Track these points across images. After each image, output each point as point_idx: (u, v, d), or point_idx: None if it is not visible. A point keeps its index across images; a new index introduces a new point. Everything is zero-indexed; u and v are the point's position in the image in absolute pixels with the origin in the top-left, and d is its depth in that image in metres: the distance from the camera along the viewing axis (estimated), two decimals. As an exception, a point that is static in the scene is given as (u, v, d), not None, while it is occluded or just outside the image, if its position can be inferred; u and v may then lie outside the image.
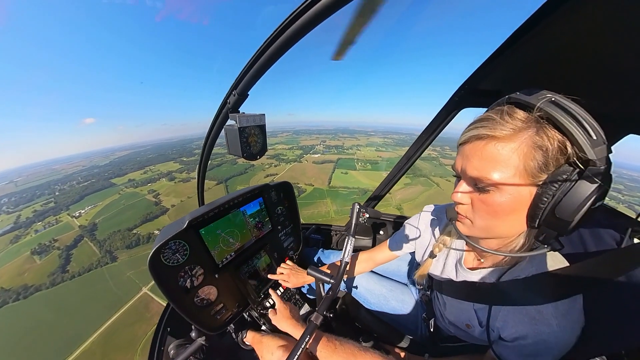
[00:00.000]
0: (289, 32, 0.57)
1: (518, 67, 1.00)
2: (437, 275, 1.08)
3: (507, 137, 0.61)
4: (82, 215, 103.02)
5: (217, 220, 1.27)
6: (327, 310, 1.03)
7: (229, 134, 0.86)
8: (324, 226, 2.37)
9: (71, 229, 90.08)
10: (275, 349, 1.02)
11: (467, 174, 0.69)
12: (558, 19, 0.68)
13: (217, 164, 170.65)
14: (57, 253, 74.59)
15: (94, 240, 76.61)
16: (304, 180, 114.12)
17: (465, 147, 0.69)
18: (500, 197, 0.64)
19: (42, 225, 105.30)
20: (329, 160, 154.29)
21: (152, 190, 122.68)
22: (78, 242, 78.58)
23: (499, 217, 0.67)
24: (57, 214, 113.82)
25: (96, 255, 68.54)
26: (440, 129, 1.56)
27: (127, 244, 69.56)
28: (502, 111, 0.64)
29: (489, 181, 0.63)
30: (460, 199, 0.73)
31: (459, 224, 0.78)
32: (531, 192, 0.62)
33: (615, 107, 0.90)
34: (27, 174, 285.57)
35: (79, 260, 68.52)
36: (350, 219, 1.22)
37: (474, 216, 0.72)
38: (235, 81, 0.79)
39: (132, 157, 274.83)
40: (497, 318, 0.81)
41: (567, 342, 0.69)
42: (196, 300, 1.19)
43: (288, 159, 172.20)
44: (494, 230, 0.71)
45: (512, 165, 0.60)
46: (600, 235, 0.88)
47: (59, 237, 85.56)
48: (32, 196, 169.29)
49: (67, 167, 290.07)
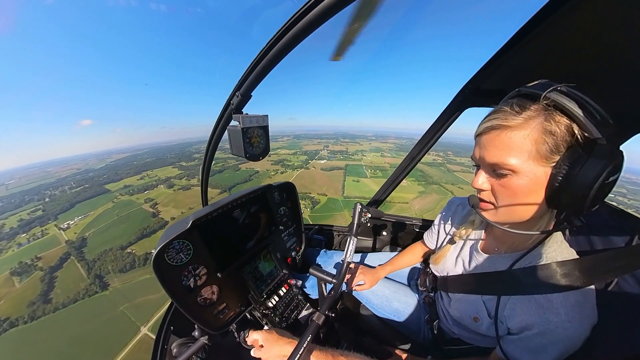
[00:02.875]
0: (292, 32, 0.58)
1: (521, 66, 1.01)
2: (450, 264, 1.11)
3: (519, 125, 0.66)
4: (70, 227, 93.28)
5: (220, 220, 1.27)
6: (329, 310, 1.02)
7: (232, 135, 0.88)
8: (327, 227, 2.38)
9: (58, 245, 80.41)
10: None
11: (485, 162, 0.74)
12: (562, 17, 0.69)
13: (218, 169, 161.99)
14: (40, 275, 64.87)
15: (82, 261, 66.91)
16: (316, 189, 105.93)
17: (482, 138, 0.75)
18: (517, 179, 0.69)
19: (27, 237, 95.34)
20: (337, 167, 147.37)
21: (149, 199, 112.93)
22: (64, 262, 68.94)
23: (518, 198, 0.71)
24: (44, 225, 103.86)
25: (84, 280, 58.78)
26: (444, 129, 1.57)
27: (121, 267, 59.89)
28: (512, 103, 0.70)
29: (506, 166, 0.68)
30: (481, 185, 0.78)
31: (482, 210, 0.82)
32: (546, 173, 0.66)
33: (622, 105, 0.91)
34: (20, 177, 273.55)
35: (64, 285, 58.82)
36: (353, 219, 1.25)
37: (496, 200, 0.77)
38: (238, 82, 0.80)
39: (129, 160, 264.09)
40: (506, 307, 0.83)
41: (573, 337, 0.69)
42: (199, 299, 1.20)
43: (294, 165, 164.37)
44: (516, 212, 0.74)
45: (526, 150, 0.66)
46: (608, 236, 0.90)
47: (43, 253, 75.91)
48: (20, 202, 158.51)
49: (61, 170, 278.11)
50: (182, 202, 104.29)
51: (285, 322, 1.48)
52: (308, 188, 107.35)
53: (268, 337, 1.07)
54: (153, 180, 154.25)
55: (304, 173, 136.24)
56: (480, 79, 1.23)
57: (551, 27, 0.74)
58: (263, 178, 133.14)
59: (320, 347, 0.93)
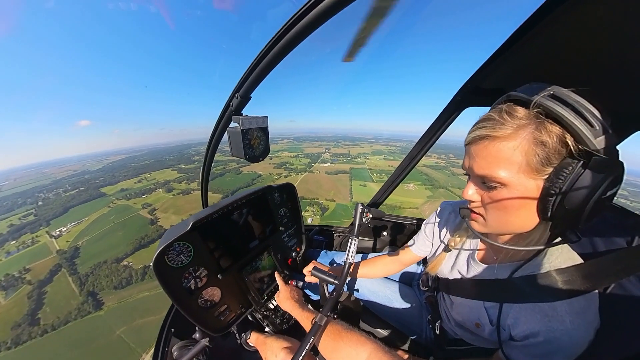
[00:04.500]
0: (290, 34, 0.58)
1: (520, 65, 1.00)
2: (447, 272, 1.09)
3: (508, 136, 0.62)
4: (62, 234, 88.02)
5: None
6: (331, 312, 1.02)
7: (232, 136, 0.87)
8: (327, 227, 2.37)
9: (48, 254, 75.14)
10: (279, 351, 1.02)
11: (474, 173, 0.71)
12: (561, 15, 0.68)
13: (219, 172, 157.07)
14: (28, 290, 59.56)
15: (74, 274, 61.67)
16: (323, 194, 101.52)
17: (471, 148, 0.71)
18: (507, 193, 0.65)
19: (16, 245, 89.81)
20: (342, 171, 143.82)
21: (147, 204, 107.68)
22: (54, 275, 63.74)
23: (509, 212, 0.68)
24: (35, 231, 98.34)
25: (76, 297, 53.54)
26: (443, 129, 1.56)
27: (116, 283, 54.54)
28: (501, 110, 0.65)
29: (495, 179, 0.65)
30: (470, 197, 0.75)
31: (472, 222, 0.80)
32: (538, 186, 0.63)
33: (622, 103, 0.90)
34: (15, 177, 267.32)
35: (53, 303, 53.51)
36: (354, 219, 1.23)
37: (485, 213, 0.74)
38: (238, 84, 0.79)
39: (127, 162, 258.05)
40: (509, 316, 0.80)
41: (579, 343, 0.67)
42: (200, 301, 1.20)
43: (297, 168, 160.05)
44: (506, 225, 0.72)
45: (515, 162, 0.62)
46: (610, 235, 0.88)
47: (33, 265, 70.54)
48: (12, 205, 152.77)
49: (57, 171, 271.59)
50: (182, 207, 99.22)
51: (286, 323, 1.47)
52: (315, 193, 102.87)
53: (269, 340, 1.09)
54: (151, 183, 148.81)
55: (308, 177, 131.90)
56: (479, 78, 1.20)
57: (550, 24, 0.73)
58: (267, 182, 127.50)
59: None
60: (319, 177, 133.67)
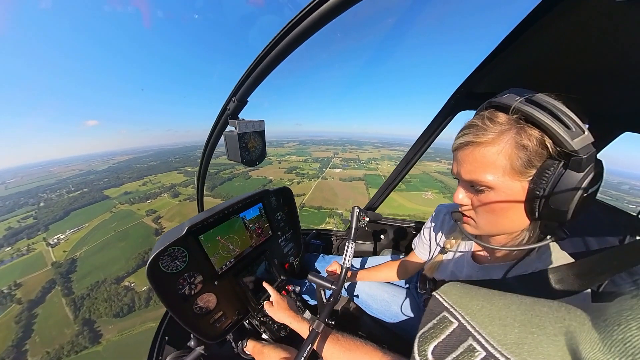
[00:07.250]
0: (288, 39, 0.59)
1: (512, 69, 1.02)
2: (443, 274, 1.10)
3: (491, 141, 0.65)
4: (60, 242, 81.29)
5: (216, 226, 1.26)
6: (328, 317, 1.00)
7: (228, 140, 0.87)
8: (324, 231, 2.37)
9: (43, 266, 68.29)
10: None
11: (462, 178, 0.74)
12: (552, 20, 0.70)
13: (227, 177, 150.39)
14: (17, 311, 52.58)
15: (69, 296, 54.48)
16: (341, 203, 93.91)
17: (458, 153, 0.74)
18: (495, 195, 0.68)
19: (11, 253, 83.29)
20: (356, 177, 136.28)
21: (151, 211, 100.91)
22: (47, 293, 56.65)
23: (498, 214, 0.71)
24: (32, 237, 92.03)
25: (70, 325, 46.30)
26: (438, 132, 1.59)
27: (116, 310, 47.26)
28: (483, 116, 0.68)
29: (482, 183, 0.68)
30: (461, 201, 0.78)
31: (464, 224, 0.83)
32: (524, 187, 0.66)
33: (611, 105, 0.92)
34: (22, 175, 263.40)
35: (44, 330, 46.32)
36: (350, 223, 1.22)
37: (476, 215, 0.77)
38: (234, 88, 0.80)
39: (132, 163, 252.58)
40: None
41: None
42: (195, 308, 1.17)
43: (308, 174, 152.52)
44: (496, 226, 0.75)
45: (500, 166, 0.65)
46: (602, 233, 0.90)
47: (24, 278, 63.82)
48: (13, 205, 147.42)
49: (64, 170, 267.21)
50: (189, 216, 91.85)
51: (284, 330, 1.44)
52: (333, 202, 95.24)
53: (266, 349, 1.09)
54: (156, 187, 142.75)
55: (322, 184, 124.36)
56: (472, 83, 1.22)
57: (542, 29, 0.74)
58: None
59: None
60: (333, 183, 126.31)
